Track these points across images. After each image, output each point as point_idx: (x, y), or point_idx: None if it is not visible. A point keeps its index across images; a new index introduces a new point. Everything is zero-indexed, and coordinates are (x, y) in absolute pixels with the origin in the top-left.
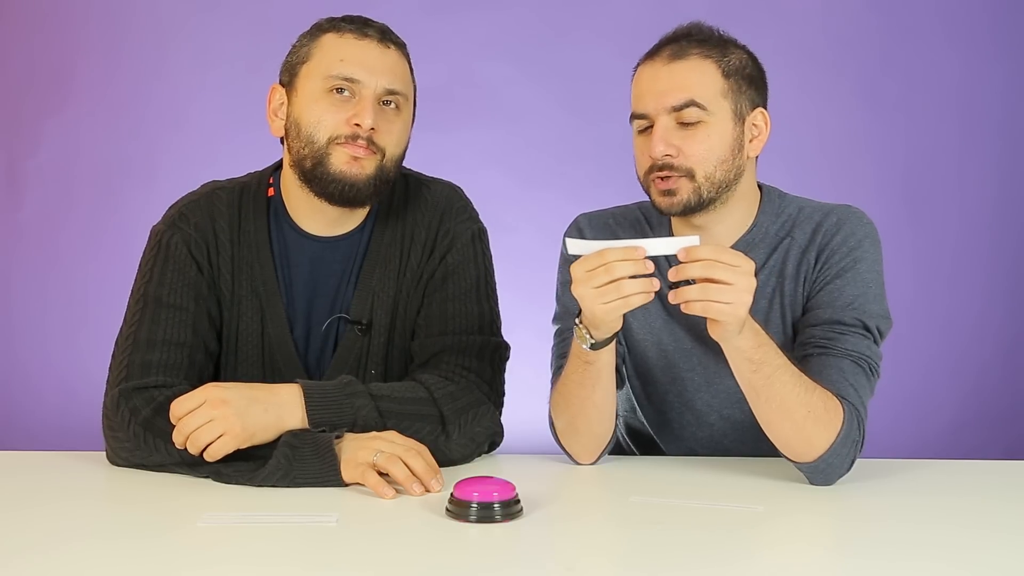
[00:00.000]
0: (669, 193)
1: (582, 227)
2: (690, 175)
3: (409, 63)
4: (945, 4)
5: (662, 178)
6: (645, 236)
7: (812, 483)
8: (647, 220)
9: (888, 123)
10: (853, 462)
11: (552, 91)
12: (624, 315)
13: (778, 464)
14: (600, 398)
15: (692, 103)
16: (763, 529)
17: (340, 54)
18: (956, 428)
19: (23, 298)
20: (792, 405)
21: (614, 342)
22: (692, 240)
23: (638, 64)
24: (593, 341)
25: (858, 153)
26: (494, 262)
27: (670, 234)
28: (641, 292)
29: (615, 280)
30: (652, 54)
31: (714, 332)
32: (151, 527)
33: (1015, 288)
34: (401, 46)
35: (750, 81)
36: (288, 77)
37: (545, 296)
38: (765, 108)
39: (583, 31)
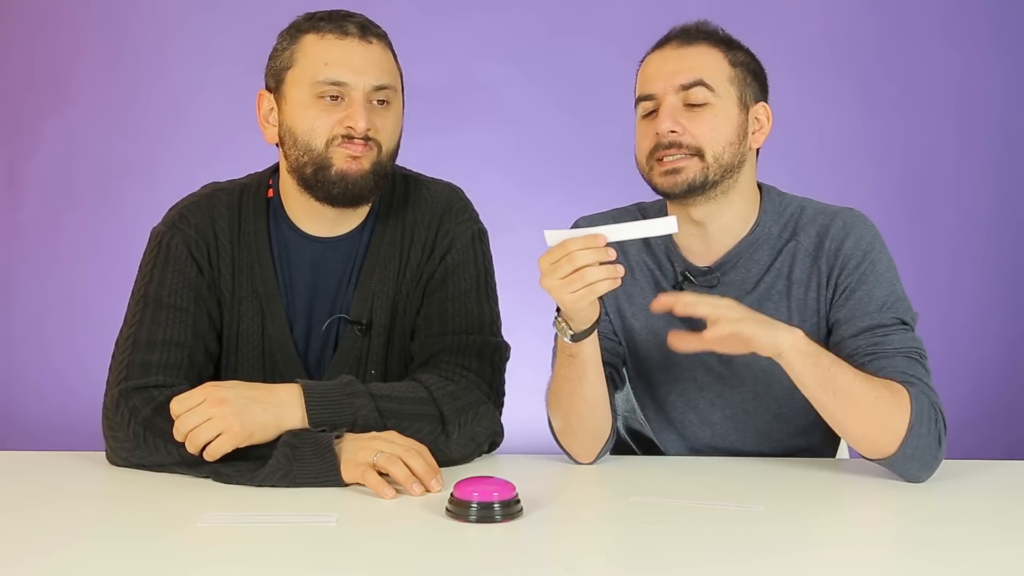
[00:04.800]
0: (674, 172)
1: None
2: (699, 154)
3: (392, 51)
4: (945, 4)
5: (667, 158)
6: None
7: (906, 479)
8: (645, 219)
9: (888, 123)
10: (940, 442)
11: (552, 91)
12: (627, 315)
13: (778, 464)
14: (588, 392)
15: (700, 83)
16: (763, 529)
17: (324, 57)
18: (956, 428)
19: (23, 298)
20: (860, 393)
21: (596, 334)
22: (667, 222)
23: (644, 57)
24: (572, 333)
25: (858, 153)
26: (494, 262)
27: (671, 239)
28: (607, 279)
29: (578, 269)
30: (660, 44)
31: (764, 350)
32: (151, 527)
33: (1014, 288)
34: (382, 37)
35: (754, 75)
36: (274, 83)
37: (545, 297)
38: (767, 104)
39: (583, 32)
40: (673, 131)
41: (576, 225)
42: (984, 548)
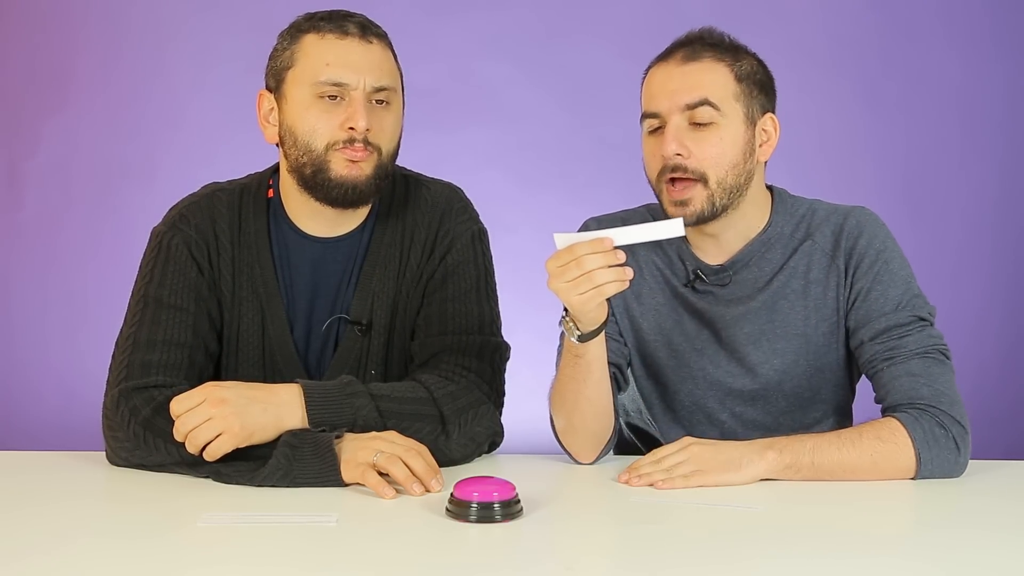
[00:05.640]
0: (682, 204)
1: (591, 230)
2: (703, 180)
3: (393, 51)
4: (945, 4)
5: (674, 180)
6: None
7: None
8: (654, 220)
9: (888, 123)
10: (958, 444)
11: (552, 91)
12: (635, 315)
13: None
14: (593, 392)
15: (706, 102)
16: (762, 529)
17: (325, 57)
18: None
19: (23, 298)
20: (854, 462)
21: (603, 335)
22: (674, 225)
23: (649, 67)
24: (579, 333)
25: (858, 153)
26: (494, 262)
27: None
28: (615, 281)
29: (586, 272)
30: (665, 56)
31: (741, 483)
32: (151, 527)
33: (1015, 288)
34: (382, 37)
35: (760, 87)
36: (275, 83)
37: (545, 297)
38: (774, 114)
39: (583, 32)
40: (679, 153)
41: (585, 226)
42: (984, 548)
